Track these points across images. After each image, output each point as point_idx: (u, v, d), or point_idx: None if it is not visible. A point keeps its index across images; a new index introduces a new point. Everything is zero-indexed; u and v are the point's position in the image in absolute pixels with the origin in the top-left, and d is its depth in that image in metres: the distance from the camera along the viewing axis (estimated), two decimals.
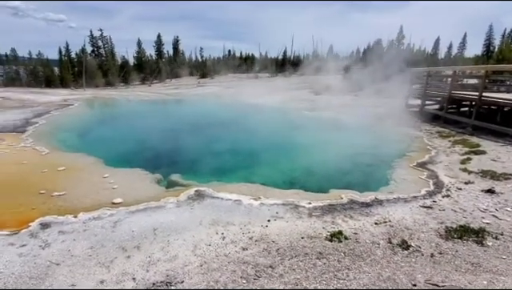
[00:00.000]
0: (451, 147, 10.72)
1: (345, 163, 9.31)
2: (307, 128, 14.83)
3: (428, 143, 11.28)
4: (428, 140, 11.77)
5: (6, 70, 35.99)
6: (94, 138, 13.07)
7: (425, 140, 11.78)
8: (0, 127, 12.59)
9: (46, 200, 6.10)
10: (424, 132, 13.18)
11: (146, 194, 6.46)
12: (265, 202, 6.04)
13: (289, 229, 5.06)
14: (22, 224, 5.15)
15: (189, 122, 16.92)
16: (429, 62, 30.24)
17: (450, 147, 10.74)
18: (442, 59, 47.63)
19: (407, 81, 17.81)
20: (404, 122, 14.65)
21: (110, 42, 44.04)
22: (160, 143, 12.05)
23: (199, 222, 5.25)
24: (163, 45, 52.67)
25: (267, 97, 25.54)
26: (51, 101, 21.25)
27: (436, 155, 9.85)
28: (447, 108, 14.90)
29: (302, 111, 19.28)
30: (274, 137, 13.22)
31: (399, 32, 41.12)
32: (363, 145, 11.29)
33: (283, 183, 7.72)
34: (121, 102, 25.35)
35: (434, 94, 16.52)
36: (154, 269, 4.05)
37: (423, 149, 10.54)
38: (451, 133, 12.62)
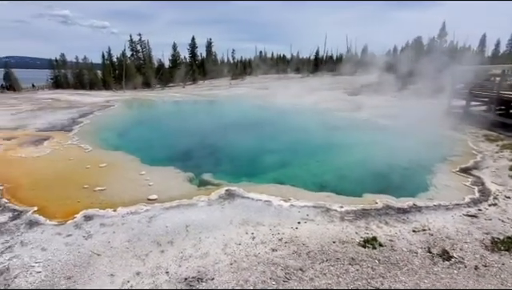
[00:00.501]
0: (499, 151, 9.80)
1: (380, 167, 8.89)
2: (340, 130, 14.43)
3: (473, 147, 10.43)
4: (473, 144, 10.87)
5: (56, 74, 39.31)
6: (131, 137, 13.81)
7: (469, 144, 10.89)
8: (51, 126, 13.79)
9: (89, 194, 6.55)
10: (468, 135, 12.20)
11: (179, 192, 6.69)
12: (295, 203, 5.96)
13: (320, 232, 4.94)
14: (68, 216, 5.58)
15: (220, 122, 17.26)
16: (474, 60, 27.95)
17: (497, 151, 9.83)
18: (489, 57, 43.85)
19: (450, 80, 16.59)
20: (446, 124, 13.66)
21: (148, 45, 46.33)
22: (192, 143, 12.40)
23: (229, 221, 5.32)
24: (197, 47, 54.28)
25: (298, 97, 25.26)
26: (94, 102, 22.85)
27: (482, 160, 9.07)
28: (495, 110, 13.68)
29: (335, 112, 18.79)
30: (304, 138, 13.02)
31: (441, 29, 38.36)
32: (400, 148, 10.71)
33: (314, 186, 7.57)
34: (156, 102, 26.55)
35: (481, 95, 15.21)
36: (186, 265, 4.16)
37: (467, 153, 9.76)
38: (499, 137, 11.55)
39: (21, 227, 5.22)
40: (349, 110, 19.41)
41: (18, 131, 12.63)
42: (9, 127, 13.35)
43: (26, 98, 25.55)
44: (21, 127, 13.38)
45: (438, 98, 18.00)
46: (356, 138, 12.82)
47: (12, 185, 6.98)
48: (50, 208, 5.93)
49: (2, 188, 6.82)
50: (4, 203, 6.11)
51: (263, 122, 16.64)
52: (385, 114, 16.73)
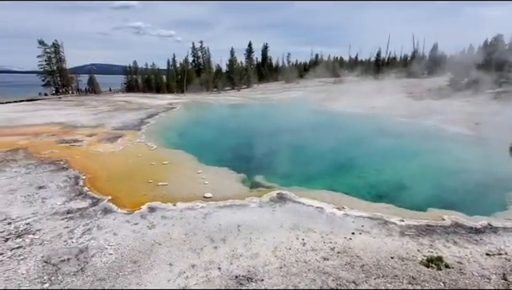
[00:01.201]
0: None
1: (448, 180, 7.99)
2: (401, 137, 13.34)
3: None
4: None
5: (129, 79, 44.22)
6: (190, 137, 14.77)
7: None
8: (123, 125, 15.52)
9: (153, 188, 7.20)
10: None
11: (232, 192, 6.95)
12: (349, 213, 5.70)
13: (376, 246, 4.64)
14: (135, 206, 6.20)
15: (272, 126, 17.37)
16: None
17: None
18: None
19: None
20: None
21: (208, 51, 49.21)
22: (245, 145, 12.74)
23: (280, 224, 5.33)
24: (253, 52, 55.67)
25: (355, 102, 24.09)
26: (159, 104, 25.04)
27: None
28: None
29: (397, 118, 17.47)
30: (361, 145, 12.36)
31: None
32: (473, 160, 9.48)
33: (370, 195, 7.14)
34: (213, 105, 27.98)
35: None
36: (237, 263, 4.29)
37: None
38: None
39: (98, 213, 5.97)
40: (413, 115, 17.84)
41: (97, 129, 14.50)
42: (91, 125, 15.41)
43: (104, 100, 29.18)
44: (100, 126, 15.33)
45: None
46: (420, 146, 11.71)
47: (92, 176, 8.03)
48: (121, 198, 6.66)
49: (84, 178, 7.89)
50: (86, 191, 7.06)
51: (316, 127, 16.28)
52: (456, 121, 14.98)
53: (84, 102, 27.38)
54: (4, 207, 6.17)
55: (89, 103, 25.89)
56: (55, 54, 38.04)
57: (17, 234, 5.18)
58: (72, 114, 19.02)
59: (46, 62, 37.56)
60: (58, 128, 14.56)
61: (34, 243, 4.89)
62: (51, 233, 5.21)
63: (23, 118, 17.29)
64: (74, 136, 12.82)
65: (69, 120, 16.78)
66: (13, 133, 13.26)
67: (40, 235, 5.13)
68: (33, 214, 5.91)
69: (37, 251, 4.67)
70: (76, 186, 7.38)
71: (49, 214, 5.93)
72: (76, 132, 13.67)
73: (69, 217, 5.81)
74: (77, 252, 4.68)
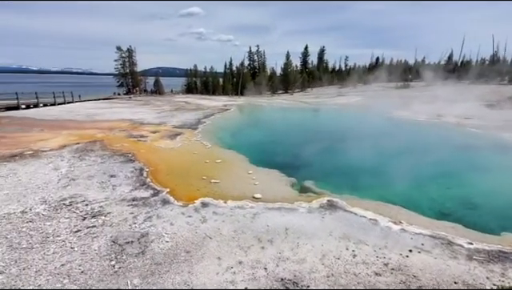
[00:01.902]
0: None
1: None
2: (474, 150, 11.84)
3: None
4: None
5: (189, 81, 47.47)
6: (242, 138, 15.23)
7: None
8: (182, 124, 16.70)
9: (206, 185, 7.60)
10: None
11: (281, 194, 6.96)
12: (407, 228, 5.26)
13: (437, 267, 4.20)
14: (190, 200, 6.62)
15: (324, 130, 16.97)
16: None
17: None
18: None
19: None
20: None
21: (264, 55, 50.25)
22: (296, 149, 12.65)
23: (329, 232, 5.17)
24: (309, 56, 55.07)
25: (419, 108, 22.16)
26: (215, 105, 26.35)
27: None
28: None
29: (469, 129, 15.58)
30: (423, 156, 11.27)
31: None
32: None
33: (432, 211, 6.48)
34: (265, 107, 28.42)
35: None
36: (283, 266, 4.29)
37: None
38: None
39: (157, 203, 6.52)
40: (489, 127, 15.69)
41: (160, 126, 15.85)
42: (155, 123, 16.92)
43: (167, 100, 31.76)
44: (162, 124, 16.74)
45: None
46: (496, 162, 10.25)
47: (154, 169, 8.80)
48: (177, 191, 7.17)
49: (147, 170, 8.69)
50: (148, 182, 7.77)
51: (372, 134, 15.35)
52: None
53: (150, 101, 30.18)
54: (84, 190, 7.13)
55: (154, 103, 28.45)
56: (129, 58, 42.96)
57: (92, 214, 5.93)
58: (139, 113, 21.13)
59: (121, 66, 42.68)
60: (127, 124, 16.31)
61: (105, 224, 5.55)
62: (119, 217, 5.85)
63: (101, 114, 19.79)
64: (140, 132, 14.21)
65: (136, 117, 18.68)
66: (92, 127, 15.25)
67: (110, 218, 5.79)
68: (105, 198, 6.71)
69: (107, 232, 5.29)
70: (140, 177, 8.16)
71: (118, 200, 6.67)
72: (142, 128, 15.14)
73: (134, 204, 6.45)
74: (139, 236, 5.18)
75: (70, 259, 4.41)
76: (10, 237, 4.99)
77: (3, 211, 5.92)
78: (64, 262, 4.35)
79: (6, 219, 5.61)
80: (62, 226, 5.43)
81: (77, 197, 6.71)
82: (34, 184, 7.35)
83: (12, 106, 21.17)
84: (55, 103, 24.51)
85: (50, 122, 16.33)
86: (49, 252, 4.60)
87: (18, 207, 6.08)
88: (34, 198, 6.59)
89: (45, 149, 10.56)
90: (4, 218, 5.63)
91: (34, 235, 5.07)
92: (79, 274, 4.09)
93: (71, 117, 18.57)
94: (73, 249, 4.70)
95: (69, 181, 7.65)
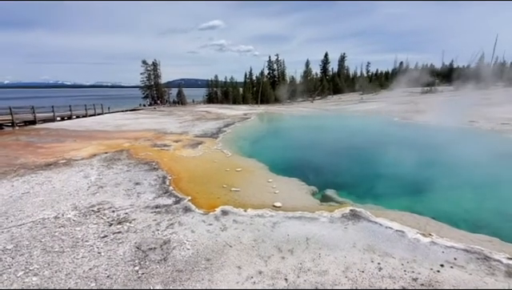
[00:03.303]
0: None
1: None
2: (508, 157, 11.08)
3: None
4: None
5: (210, 92, 48.61)
6: (262, 147, 15.26)
7: None
8: (203, 133, 17.05)
9: (226, 193, 7.65)
10: None
11: (302, 203, 6.85)
12: (438, 241, 4.96)
13: (472, 284, 3.91)
14: (210, 208, 6.68)
15: (345, 138, 16.59)
16: None
17: None
18: None
19: None
20: None
21: (283, 64, 50.57)
22: (316, 157, 12.48)
23: (353, 244, 4.99)
24: (329, 63, 54.75)
25: (444, 114, 21.16)
26: (235, 114, 26.70)
27: None
28: None
29: (502, 134, 14.62)
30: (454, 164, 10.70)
31: None
32: None
33: (465, 223, 6.08)
34: (285, 116, 28.37)
35: None
36: (304, 277, 4.18)
37: None
38: None
39: (179, 211, 6.63)
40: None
41: (182, 136, 16.27)
42: (177, 132, 17.40)
43: (188, 110, 32.63)
44: (184, 133, 17.17)
45: None
46: None
47: (176, 177, 9.00)
48: (198, 199, 7.27)
49: (170, 178, 8.90)
50: (171, 190, 7.95)
51: (394, 141, 14.80)
52: None
53: (173, 112, 31.15)
54: (111, 197, 7.41)
55: (176, 113, 29.33)
56: (154, 71, 44.91)
57: (118, 221, 6.14)
58: (163, 123, 21.84)
59: (147, 78, 44.69)
60: (152, 134, 16.89)
61: (129, 231, 5.71)
62: (143, 223, 6.00)
63: (127, 125, 20.67)
64: (163, 141, 14.65)
65: (160, 127, 19.31)
66: (120, 137, 15.94)
67: (134, 224, 5.96)
68: (130, 205, 6.92)
69: (131, 238, 5.44)
70: (163, 184, 8.37)
71: (142, 207, 6.86)
72: (165, 138, 15.60)
73: (157, 211, 6.61)
74: (161, 243, 5.27)
75: (97, 264, 4.57)
76: (44, 241, 5.27)
77: (39, 216, 6.28)
78: (92, 266, 4.52)
79: (41, 223, 5.94)
80: (91, 231, 5.65)
81: (104, 204, 6.98)
82: (66, 191, 7.75)
83: (49, 119, 22.74)
84: (86, 115, 26.06)
85: (81, 133, 17.29)
86: (78, 256, 4.79)
87: (51, 213, 6.43)
88: (66, 204, 6.93)
89: (76, 158, 11.15)
90: (39, 223, 5.97)
91: (66, 240, 5.32)
92: (105, 278, 4.22)
93: (100, 128, 19.55)
94: (100, 254, 4.87)
95: (97, 188, 7.99)
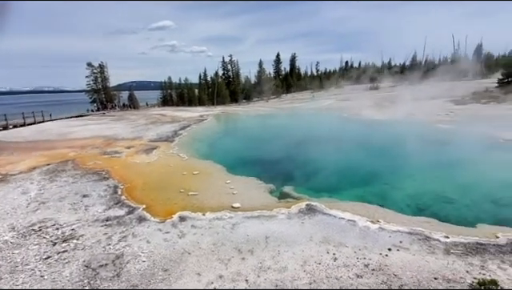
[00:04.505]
0: None
1: (502, 192, 7.20)
2: (443, 145, 12.38)
3: None
4: None
5: (164, 94, 46.70)
6: (219, 148, 15.07)
7: None
8: (158, 137, 16.29)
9: (184, 198, 7.38)
10: None
11: (260, 202, 6.88)
12: (385, 227, 5.33)
13: (416, 264, 4.25)
14: (167, 215, 6.38)
15: (299, 135, 17.12)
16: None
17: None
18: None
19: None
20: None
21: (237, 64, 50.48)
22: (274, 155, 12.68)
23: (309, 237, 5.13)
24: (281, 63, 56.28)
25: (387, 109, 23.06)
26: (191, 116, 25.99)
27: None
28: None
29: (437, 125, 16.29)
30: (397, 154, 11.67)
31: None
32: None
33: (408, 208, 6.65)
34: (242, 116, 28.42)
35: None
36: (265, 276, 4.18)
37: None
38: None
39: (133, 221, 6.23)
40: (455, 121, 16.54)
41: (135, 141, 15.36)
42: (129, 138, 16.38)
43: (142, 114, 30.99)
44: (137, 138, 16.23)
45: None
46: (465, 155, 10.74)
47: (129, 185, 8.46)
48: (154, 207, 6.91)
49: (122, 187, 8.33)
50: (123, 200, 7.43)
51: (346, 136, 15.71)
52: (507, 126, 13.59)
53: (124, 116, 29.31)
54: (54, 213, 6.70)
55: (128, 117, 27.65)
56: (100, 73, 41.83)
57: (63, 238, 5.56)
58: (113, 128, 20.41)
59: (93, 82, 41.48)
60: (101, 141, 15.67)
61: (77, 248, 5.22)
62: (92, 239, 5.52)
63: (73, 133, 18.91)
64: (114, 148, 13.68)
65: (110, 133, 18.01)
66: (64, 146, 14.50)
67: (82, 241, 5.46)
68: (77, 220, 6.33)
69: (79, 256, 4.96)
70: (115, 195, 7.80)
71: (91, 221, 6.31)
72: (116, 144, 14.59)
73: (107, 224, 6.13)
74: (113, 258, 4.89)
75: None
76: None
77: None
78: None
79: None
80: (31, 253, 5.07)
81: (47, 221, 6.30)
82: (1, 210, 6.88)
83: None
84: (25, 124, 23.31)
85: (19, 145, 15.41)
86: (18, 282, 4.27)
87: None
88: (1, 225, 6.14)
89: (14, 172, 9.96)
90: None
91: (3, 265, 4.71)
92: None
93: (42, 137, 17.61)
94: (43, 277, 4.38)
95: (38, 205, 7.20)
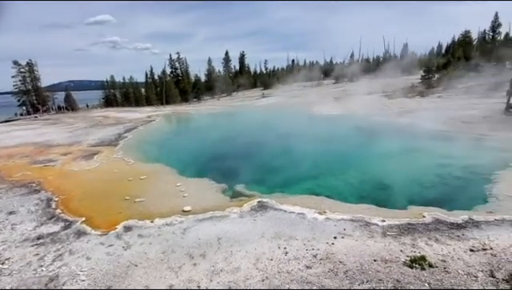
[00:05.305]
0: None
1: (427, 176, 8.13)
2: (379, 136, 13.55)
3: None
4: None
5: (107, 94, 43.11)
6: (170, 150, 14.42)
7: None
8: (100, 141, 15.00)
9: (129, 205, 6.89)
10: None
11: (212, 203, 6.74)
12: (331, 216, 5.63)
13: (358, 249, 4.56)
14: (110, 226, 5.89)
15: (250, 133, 17.29)
16: None
17: None
18: None
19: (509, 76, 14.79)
20: (505, 126, 12.16)
21: (185, 62, 48.80)
22: (224, 154, 12.62)
23: (261, 234, 5.17)
24: (230, 61, 56.15)
25: (331, 104, 24.54)
26: (138, 118, 24.50)
27: None
28: None
29: (374, 118, 17.77)
30: (338, 146, 12.47)
31: (493, 20, 34.39)
32: (449, 155, 9.71)
33: (352, 197, 7.12)
34: (193, 115, 27.70)
35: None
36: (218, 279, 4.09)
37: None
38: None
39: (70, 237, 5.62)
40: (388, 114, 18.22)
41: (72, 147, 13.92)
42: (66, 144, 14.78)
43: (81, 116, 28.30)
44: (75, 143, 14.74)
45: (493, 97, 16.18)
46: (398, 144, 11.92)
47: (65, 196, 7.63)
48: (95, 219, 6.33)
49: (57, 199, 7.48)
50: (58, 214, 6.67)
51: (294, 132, 16.25)
52: (429, 117, 15.40)
53: (60, 119, 26.41)
54: None
55: (65, 121, 24.98)
56: (30, 73, 36.82)
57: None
58: (47, 133, 18.23)
59: (21, 82, 36.33)
60: (31, 148, 13.88)
61: (2, 274, 4.55)
62: (20, 262, 4.86)
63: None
64: (48, 156, 12.24)
65: (44, 139, 16.06)
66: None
67: (9, 265, 4.78)
68: (2, 242, 5.53)
69: (5, 283, 4.33)
70: (48, 209, 6.98)
71: (18, 241, 5.56)
72: (50, 152, 13.06)
73: (39, 243, 5.45)
74: (47, 281, 4.37)
75: None
76: None
77: None
78: None
79: None
80: None
81: None
82: None
83: None
84: None
85: None
86: None
87: None
88: None
89: None
90: None
91: None
92: None
93: None
94: None
95: None
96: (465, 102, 17.97)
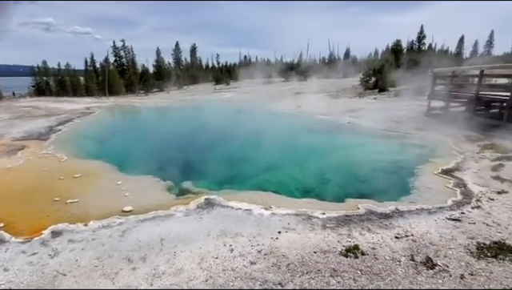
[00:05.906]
0: (480, 152, 9.94)
1: (362, 171, 8.86)
2: (322, 134, 14.40)
3: (454, 148, 10.52)
4: (454, 145, 10.96)
5: (38, 81, 37.97)
6: (110, 145, 13.37)
7: (450, 144, 10.99)
8: (27, 135, 13.21)
9: (59, 207, 6.19)
10: (449, 136, 12.33)
11: (156, 201, 6.42)
12: (276, 212, 5.78)
13: (300, 242, 4.77)
14: (35, 232, 5.22)
15: (201, 128, 16.91)
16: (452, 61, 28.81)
17: (478, 152, 9.97)
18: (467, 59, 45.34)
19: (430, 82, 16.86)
20: (426, 126, 13.89)
21: (132, 51, 45.51)
22: (172, 150, 12.14)
23: (207, 232, 5.09)
24: (181, 53, 54.13)
25: (281, 102, 25.30)
26: (75, 109, 22.17)
27: (463, 161, 9.15)
28: (475, 110, 13.95)
29: (317, 116, 18.75)
30: (287, 143, 12.92)
31: (419, 32, 39.19)
32: (381, 151, 10.74)
33: (297, 191, 7.42)
34: (139, 108, 26.04)
35: (460, 96, 15.51)
36: (158, 283, 3.91)
37: (449, 154, 9.83)
38: (480, 137, 11.72)
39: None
40: (331, 113, 19.37)
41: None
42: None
43: (4, 106, 24.56)
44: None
45: (418, 101, 18.34)
46: (339, 141, 12.82)
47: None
48: (16, 224, 5.57)
49: None
50: None
51: (245, 128, 16.38)
52: (366, 117, 16.85)
53: None
54: None
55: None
56: None
57: None
58: None
59: None
60: None
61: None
62: None
63: None
64: None
65: None
66: None
67: None
68: None
69: None
70: None
71: None
72: None
73: None
74: None
75: None
76: None
77: None
78: None
79: None
80: None
81: None
82: None
83: None
84: None
85: None
86: None
87: None
88: None
89: None
90: None
91: None
92: None
93: None
94: None
95: None
96: (395, 104, 20.04)
